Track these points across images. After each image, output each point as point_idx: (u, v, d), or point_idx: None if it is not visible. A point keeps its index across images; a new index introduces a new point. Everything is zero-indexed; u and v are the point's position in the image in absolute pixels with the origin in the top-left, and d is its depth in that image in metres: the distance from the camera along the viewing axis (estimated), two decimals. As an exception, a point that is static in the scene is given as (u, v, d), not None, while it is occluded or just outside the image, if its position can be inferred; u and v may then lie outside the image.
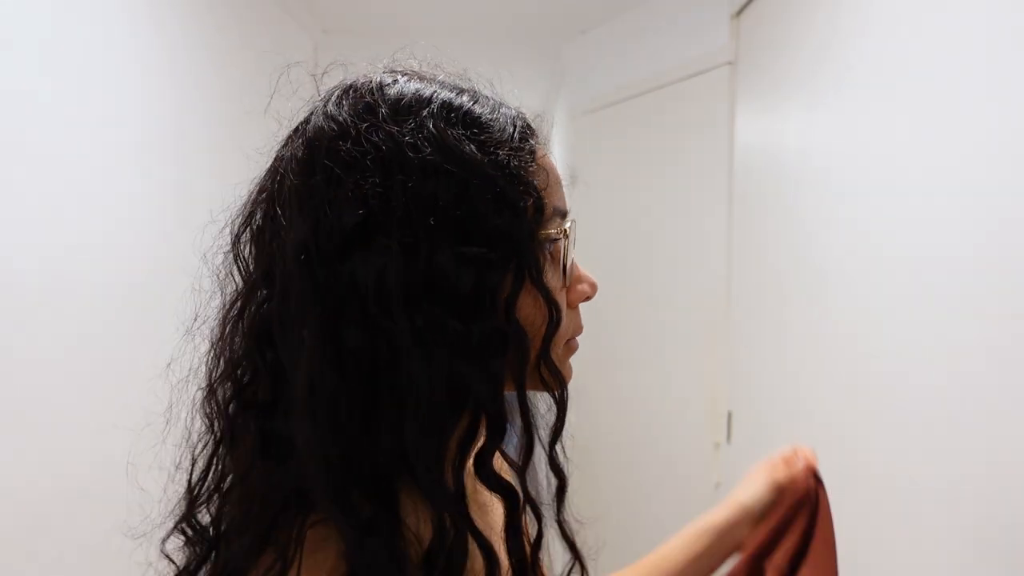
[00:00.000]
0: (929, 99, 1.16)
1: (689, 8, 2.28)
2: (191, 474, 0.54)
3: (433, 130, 0.47)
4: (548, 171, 0.53)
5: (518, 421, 0.51)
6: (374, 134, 0.47)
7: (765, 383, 1.86)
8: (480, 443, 0.49)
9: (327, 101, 0.51)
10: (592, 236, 2.79)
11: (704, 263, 2.24)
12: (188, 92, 1.75)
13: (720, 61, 2.14)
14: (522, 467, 0.52)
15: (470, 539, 0.47)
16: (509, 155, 0.49)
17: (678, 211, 2.37)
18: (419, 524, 0.47)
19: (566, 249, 0.53)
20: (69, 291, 1.30)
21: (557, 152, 3.51)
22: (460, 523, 0.46)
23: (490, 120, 0.50)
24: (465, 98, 0.51)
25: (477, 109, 0.50)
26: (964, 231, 1.07)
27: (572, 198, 0.56)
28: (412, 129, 0.47)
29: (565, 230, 0.53)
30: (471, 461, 0.49)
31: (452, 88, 0.51)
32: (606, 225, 2.70)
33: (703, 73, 2.22)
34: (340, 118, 0.49)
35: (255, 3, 2.17)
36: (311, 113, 0.51)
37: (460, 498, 0.47)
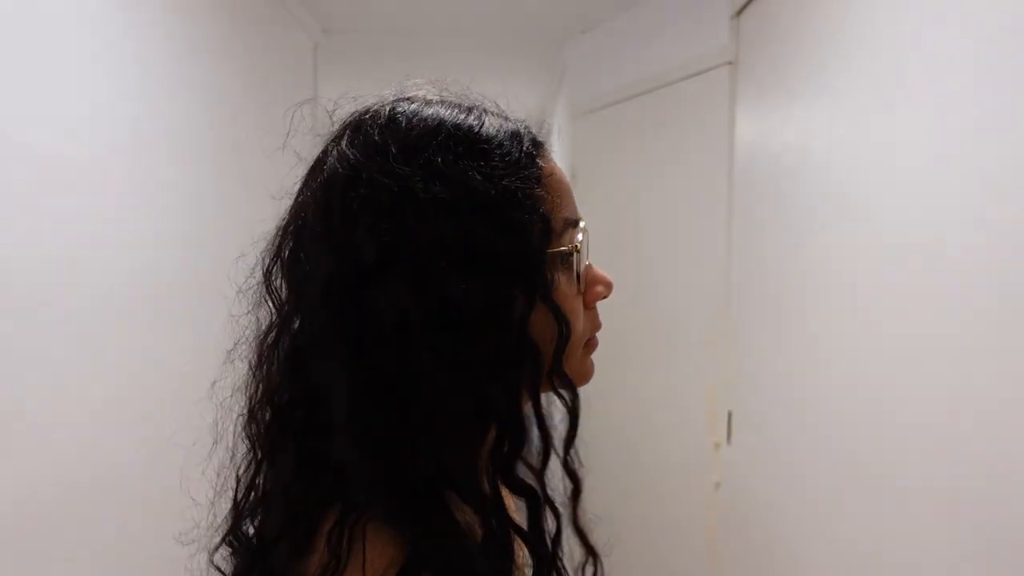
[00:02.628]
0: (929, 98, 1.16)
1: (689, 8, 2.28)
2: (236, 491, 0.58)
3: (441, 166, 0.50)
4: (556, 185, 0.55)
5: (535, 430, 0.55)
6: (385, 176, 0.49)
7: (765, 383, 1.86)
8: (504, 451, 0.52)
9: (339, 139, 0.53)
10: (592, 236, 2.78)
11: (704, 263, 2.24)
12: (187, 91, 1.75)
13: (720, 61, 2.14)
14: (540, 471, 0.55)
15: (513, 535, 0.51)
16: (515, 181, 0.51)
17: (678, 211, 2.37)
18: (469, 521, 0.50)
19: (578, 258, 0.56)
20: (65, 295, 1.30)
21: (557, 152, 3.49)
22: (503, 523, 0.50)
23: (495, 145, 0.52)
24: (472, 120, 0.53)
25: (483, 133, 0.52)
26: (965, 230, 1.07)
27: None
28: (421, 166, 0.50)
29: (576, 245, 0.55)
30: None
31: (458, 109, 0.54)
32: (606, 225, 2.70)
33: (703, 73, 2.22)
34: (352, 159, 0.51)
35: (255, 3, 2.17)
36: (325, 152, 0.54)
37: (499, 502, 0.51)
